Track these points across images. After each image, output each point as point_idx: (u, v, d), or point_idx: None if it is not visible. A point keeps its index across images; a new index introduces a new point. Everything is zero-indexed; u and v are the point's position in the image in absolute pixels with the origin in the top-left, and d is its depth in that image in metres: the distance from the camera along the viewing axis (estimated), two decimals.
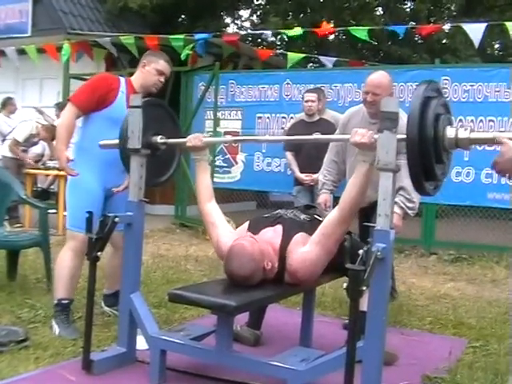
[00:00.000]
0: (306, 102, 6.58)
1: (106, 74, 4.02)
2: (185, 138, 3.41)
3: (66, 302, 3.76)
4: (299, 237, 3.13)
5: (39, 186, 9.62)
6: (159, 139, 3.38)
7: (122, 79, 3.92)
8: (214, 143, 6.89)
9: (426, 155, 2.53)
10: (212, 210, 3.35)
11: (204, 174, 3.41)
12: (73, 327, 3.69)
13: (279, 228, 3.20)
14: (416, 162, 2.53)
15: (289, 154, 6.75)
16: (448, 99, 2.84)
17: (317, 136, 4.22)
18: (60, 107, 8.29)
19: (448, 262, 7.10)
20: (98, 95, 3.75)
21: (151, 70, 3.89)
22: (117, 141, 3.44)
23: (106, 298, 4.18)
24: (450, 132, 2.56)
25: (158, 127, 3.42)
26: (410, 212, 3.95)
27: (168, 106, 3.66)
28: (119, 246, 3.56)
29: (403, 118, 3.14)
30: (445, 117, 2.60)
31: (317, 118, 6.60)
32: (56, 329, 3.67)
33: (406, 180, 3.77)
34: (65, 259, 3.77)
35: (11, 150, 8.27)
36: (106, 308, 4.15)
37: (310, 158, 6.03)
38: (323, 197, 4.32)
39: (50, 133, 8.22)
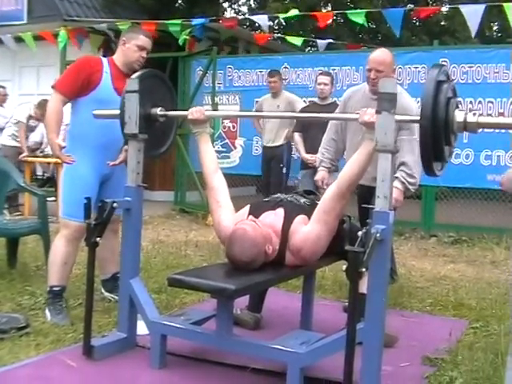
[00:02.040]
0: (319, 84, 6.59)
1: (88, 57, 3.96)
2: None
3: (58, 289, 3.76)
4: (301, 219, 3.14)
5: (45, 173, 9.60)
6: (159, 111, 3.36)
7: (105, 59, 3.86)
8: (217, 117, 6.88)
9: (438, 137, 2.54)
10: (218, 185, 3.32)
11: (206, 144, 3.38)
12: (64, 314, 3.69)
13: (281, 211, 3.20)
14: (428, 143, 2.54)
15: (296, 135, 6.77)
16: None
17: (325, 114, 4.21)
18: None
19: (448, 244, 7.11)
20: (81, 79, 3.70)
21: (132, 47, 3.82)
22: (111, 111, 3.42)
23: (105, 284, 4.19)
24: (459, 115, 2.57)
25: (156, 98, 3.39)
26: (410, 187, 3.95)
27: (163, 74, 3.62)
28: (109, 228, 3.54)
29: (404, 95, 3.14)
30: (454, 100, 2.61)
31: (329, 101, 6.60)
32: (48, 315, 3.69)
33: (407, 156, 3.79)
34: (58, 247, 3.77)
35: (16, 137, 8.24)
36: (106, 293, 4.16)
37: (317, 140, 5.92)
38: (321, 174, 4.35)
39: (42, 108, 8.19)
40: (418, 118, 2.58)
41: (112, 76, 3.78)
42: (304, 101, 8.06)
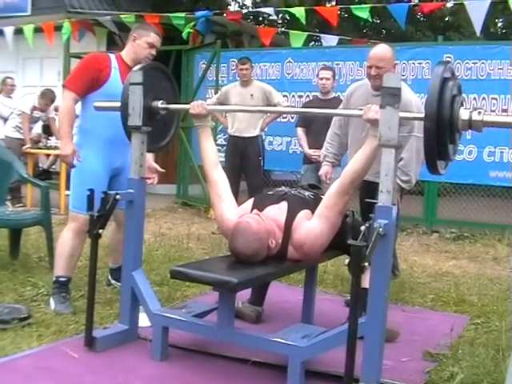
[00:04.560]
0: (321, 79, 6.54)
1: (96, 54, 4.02)
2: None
3: (64, 279, 3.81)
4: (304, 213, 3.14)
5: (40, 166, 9.61)
6: (160, 104, 3.35)
7: (112, 56, 3.90)
8: (218, 111, 6.85)
9: (442, 135, 2.54)
10: (219, 180, 3.33)
11: (208, 139, 3.39)
12: (68, 303, 3.73)
13: (284, 205, 3.21)
14: (432, 141, 2.53)
15: (299, 130, 6.71)
16: None
17: (328, 110, 4.21)
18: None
19: (450, 240, 7.11)
20: (91, 76, 3.75)
21: (142, 44, 3.87)
22: (112, 103, 3.44)
23: (113, 272, 4.25)
24: (464, 114, 2.56)
25: (157, 91, 3.39)
26: (403, 185, 3.95)
27: (164, 67, 3.60)
28: (122, 221, 3.59)
29: (405, 90, 3.15)
30: (459, 98, 2.60)
31: (331, 95, 6.57)
32: (52, 304, 3.73)
33: (404, 153, 3.78)
34: (65, 239, 3.81)
35: (20, 128, 8.25)
36: (113, 281, 4.22)
37: (320, 134, 5.78)
38: (324, 169, 4.36)
39: (46, 97, 8.22)
40: (423, 115, 2.58)
41: (120, 71, 3.82)
42: (307, 96, 8.07)
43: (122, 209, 3.35)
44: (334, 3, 16.78)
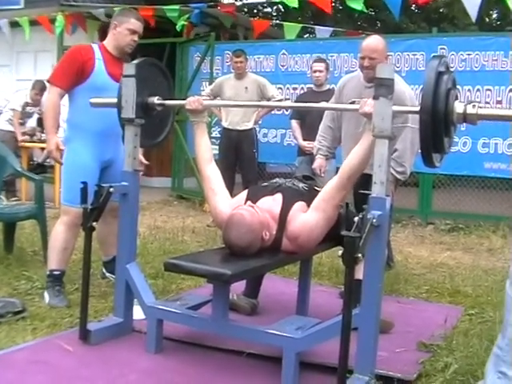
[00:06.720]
0: (314, 72, 6.53)
1: (78, 46, 3.94)
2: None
3: (58, 273, 3.81)
4: (299, 205, 3.14)
5: (35, 159, 9.58)
6: (156, 100, 3.34)
7: (95, 46, 3.87)
8: (214, 106, 6.84)
9: (437, 129, 2.54)
10: (213, 174, 3.33)
11: (203, 135, 3.39)
12: (62, 296, 3.73)
13: (279, 196, 3.20)
14: (428, 134, 2.54)
15: (294, 122, 6.71)
16: None
17: (324, 104, 4.19)
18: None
19: (445, 232, 7.12)
20: (75, 69, 3.72)
21: (123, 31, 3.82)
22: (108, 99, 3.43)
23: (107, 265, 4.24)
24: (458, 107, 2.57)
25: (153, 87, 3.38)
26: (398, 176, 3.94)
27: (160, 63, 3.59)
28: (105, 213, 3.54)
29: (397, 81, 3.16)
30: (454, 91, 2.61)
31: (325, 87, 6.56)
32: (46, 298, 3.73)
33: (398, 143, 3.78)
34: (58, 232, 3.81)
35: (12, 122, 8.21)
36: (108, 274, 4.21)
37: (314, 126, 5.76)
38: (318, 162, 4.35)
39: (34, 88, 8.18)
40: (418, 108, 2.58)
41: (105, 62, 3.80)
42: (302, 88, 8.06)
43: (112, 200, 3.33)
44: None
